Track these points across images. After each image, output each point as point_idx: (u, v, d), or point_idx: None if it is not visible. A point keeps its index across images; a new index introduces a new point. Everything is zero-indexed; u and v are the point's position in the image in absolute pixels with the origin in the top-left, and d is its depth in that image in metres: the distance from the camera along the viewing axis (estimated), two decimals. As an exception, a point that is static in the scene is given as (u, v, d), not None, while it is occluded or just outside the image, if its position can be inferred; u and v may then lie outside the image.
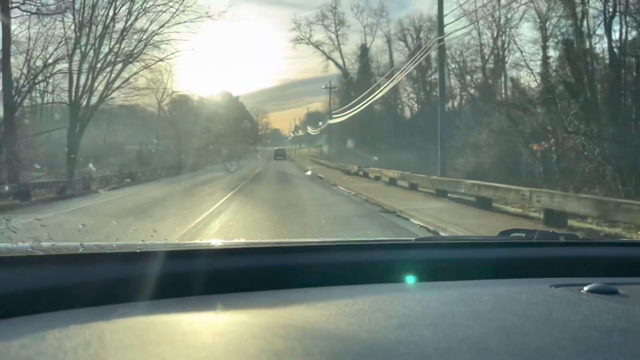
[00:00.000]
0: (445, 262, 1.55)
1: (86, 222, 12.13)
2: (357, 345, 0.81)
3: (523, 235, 1.85)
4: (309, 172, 36.29)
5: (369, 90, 37.19)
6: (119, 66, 30.55)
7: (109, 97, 31.43)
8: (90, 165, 27.13)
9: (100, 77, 29.70)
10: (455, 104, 49.56)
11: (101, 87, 29.97)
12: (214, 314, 1.09)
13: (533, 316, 1.01)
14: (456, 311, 1.05)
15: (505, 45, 40.76)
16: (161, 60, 32.60)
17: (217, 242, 1.66)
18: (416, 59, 29.65)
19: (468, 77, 46.02)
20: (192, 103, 55.64)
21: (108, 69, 30.02)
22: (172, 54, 32.28)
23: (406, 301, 1.13)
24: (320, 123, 65.19)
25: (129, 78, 31.63)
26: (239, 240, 1.71)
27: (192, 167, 39.02)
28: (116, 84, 30.74)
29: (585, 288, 1.20)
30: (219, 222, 11.96)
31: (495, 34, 41.39)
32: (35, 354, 0.72)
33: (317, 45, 66.58)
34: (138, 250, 1.37)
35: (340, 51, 66.84)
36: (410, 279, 1.41)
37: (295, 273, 1.41)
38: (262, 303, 1.17)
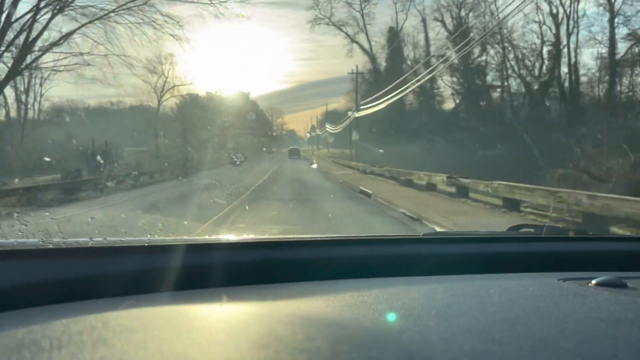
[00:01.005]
0: (453, 256, 1.56)
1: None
2: (359, 332, 0.81)
3: (532, 230, 1.84)
4: (343, 184, 23.01)
5: (401, 79, 32.76)
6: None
7: (25, 61, 20.33)
8: (98, 157, 24.51)
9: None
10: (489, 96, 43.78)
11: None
12: (220, 305, 1.10)
13: (539, 308, 1.00)
14: (461, 303, 1.05)
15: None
16: (121, 7, 20.63)
17: (225, 237, 1.67)
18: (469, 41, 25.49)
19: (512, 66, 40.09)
20: (201, 101, 50.14)
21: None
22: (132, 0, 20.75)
23: (411, 293, 1.14)
24: (351, 113, 51.84)
25: (62, 38, 20.56)
26: (248, 235, 1.72)
27: (190, 171, 29.51)
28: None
29: (593, 281, 1.19)
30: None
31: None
32: (41, 337, 0.74)
33: (339, 26, 54.60)
34: (146, 245, 1.39)
35: (366, 33, 54.58)
36: (417, 273, 1.41)
37: (303, 267, 1.42)
38: (268, 295, 1.18)
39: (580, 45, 35.93)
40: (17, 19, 19.59)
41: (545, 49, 38.62)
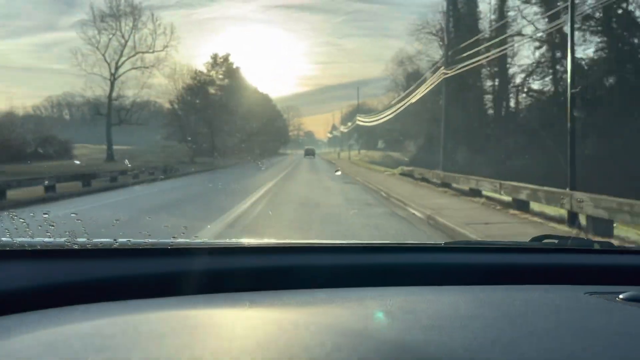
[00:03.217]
0: (475, 266, 1.55)
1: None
2: (386, 344, 0.81)
3: (556, 241, 1.82)
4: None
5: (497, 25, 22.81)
6: None
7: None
8: (126, 161, 21.85)
9: None
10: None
11: None
12: (244, 311, 1.11)
13: (566, 322, 0.99)
14: (487, 314, 1.04)
15: None
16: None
17: (246, 240, 1.68)
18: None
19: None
20: (204, 88, 37.48)
21: None
22: None
23: (435, 304, 1.13)
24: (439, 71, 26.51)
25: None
26: (269, 239, 1.72)
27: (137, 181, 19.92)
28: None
29: (621, 296, 1.18)
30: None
31: None
32: (73, 339, 0.75)
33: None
34: (169, 247, 1.41)
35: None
36: (439, 282, 1.40)
37: (324, 273, 1.43)
38: (291, 301, 1.19)
39: None
40: None
41: None
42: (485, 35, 22.50)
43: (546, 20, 25.48)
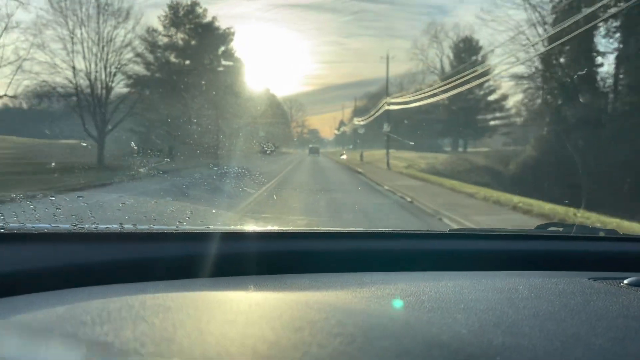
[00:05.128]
0: (480, 253, 1.55)
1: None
2: (389, 322, 0.82)
3: (561, 229, 1.82)
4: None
5: None
6: None
7: None
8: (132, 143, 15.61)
9: None
10: None
11: None
12: (250, 292, 1.12)
13: (569, 305, 1.00)
14: (490, 298, 1.04)
15: None
16: None
17: (252, 227, 1.69)
18: None
19: None
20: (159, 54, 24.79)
21: None
22: None
23: (439, 287, 1.14)
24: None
25: None
26: (275, 226, 1.73)
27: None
28: None
29: (625, 281, 1.18)
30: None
31: None
32: (81, 313, 0.76)
33: None
34: (174, 232, 1.42)
35: None
36: (444, 268, 1.41)
37: (330, 259, 1.44)
38: (296, 284, 1.20)
39: None
40: None
41: None
42: None
43: None
